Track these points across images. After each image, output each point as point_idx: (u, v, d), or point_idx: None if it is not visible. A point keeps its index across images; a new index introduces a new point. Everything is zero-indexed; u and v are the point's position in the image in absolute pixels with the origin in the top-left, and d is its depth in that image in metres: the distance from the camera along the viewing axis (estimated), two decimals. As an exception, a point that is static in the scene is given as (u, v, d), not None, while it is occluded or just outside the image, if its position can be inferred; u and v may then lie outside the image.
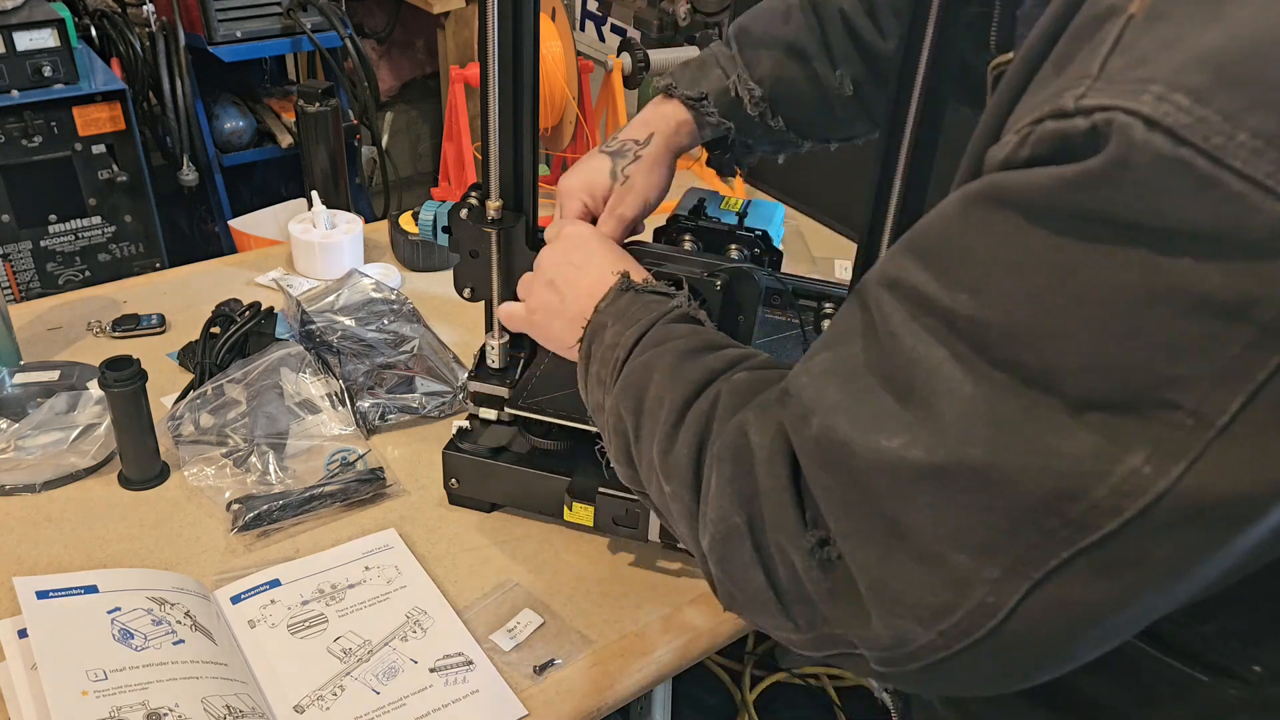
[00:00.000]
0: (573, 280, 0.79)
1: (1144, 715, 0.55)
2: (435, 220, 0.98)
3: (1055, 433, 0.41)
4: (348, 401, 1.13)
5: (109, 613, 0.84)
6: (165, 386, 1.17)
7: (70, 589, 0.86)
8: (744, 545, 0.54)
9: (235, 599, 0.92)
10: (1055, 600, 0.42)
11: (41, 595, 0.84)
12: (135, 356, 1.00)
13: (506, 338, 1.01)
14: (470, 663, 0.87)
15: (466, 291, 0.99)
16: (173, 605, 0.87)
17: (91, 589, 0.86)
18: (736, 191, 1.70)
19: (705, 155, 1.00)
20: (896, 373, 0.46)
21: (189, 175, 2.37)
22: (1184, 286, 0.37)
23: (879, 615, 0.47)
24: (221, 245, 2.46)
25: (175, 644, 0.83)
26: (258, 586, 0.93)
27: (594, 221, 0.89)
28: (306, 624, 0.90)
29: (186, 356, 1.23)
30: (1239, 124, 0.35)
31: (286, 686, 0.84)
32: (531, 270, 0.84)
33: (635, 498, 0.91)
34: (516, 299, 0.86)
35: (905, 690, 0.70)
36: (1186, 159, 0.35)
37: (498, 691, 0.85)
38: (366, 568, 0.97)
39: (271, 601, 0.92)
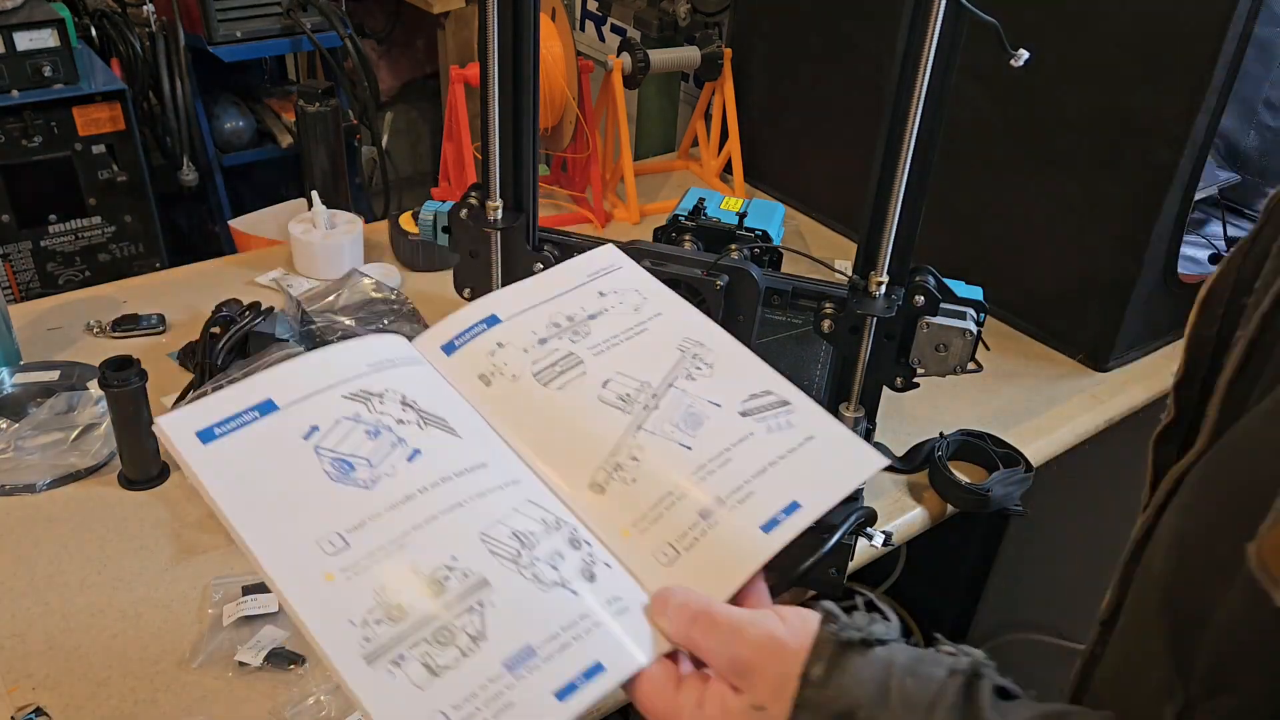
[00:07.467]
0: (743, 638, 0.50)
1: None
2: (435, 220, 0.98)
3: None
4: (348, 401, 1.13)
5: (306, 438, 0.56)
6: (165, 386, 1.17)
7: (239, 414, 0.56)
8: None
9: (447, 348, 0.65)
10: None
11: (206, 437, 0.55)
12: (135, 356, 1.00)
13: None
14: (786, 402, 0.64)
15: (466, 291, 0.99)
16: (381, 397, 0.60)
17: (268, 406, 0.57)
18: (736, 191, 1.70)
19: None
20: None
21: (189, 175, 2.37)
22: None
23: None
24: (221, 245, 2.46)
25: (410, 459, 0.57)
26: (471, 327, 0.66)
27: None
28: (558, 368, 0.65)
29: (186, 356, 1.23)
30: None
31: (568, 461, 0.60)
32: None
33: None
34: None
35: None
36: None
37: (842, 436, 0.62)
38: (601, 293, 0.70)
39: (499, 345, 0.65)
